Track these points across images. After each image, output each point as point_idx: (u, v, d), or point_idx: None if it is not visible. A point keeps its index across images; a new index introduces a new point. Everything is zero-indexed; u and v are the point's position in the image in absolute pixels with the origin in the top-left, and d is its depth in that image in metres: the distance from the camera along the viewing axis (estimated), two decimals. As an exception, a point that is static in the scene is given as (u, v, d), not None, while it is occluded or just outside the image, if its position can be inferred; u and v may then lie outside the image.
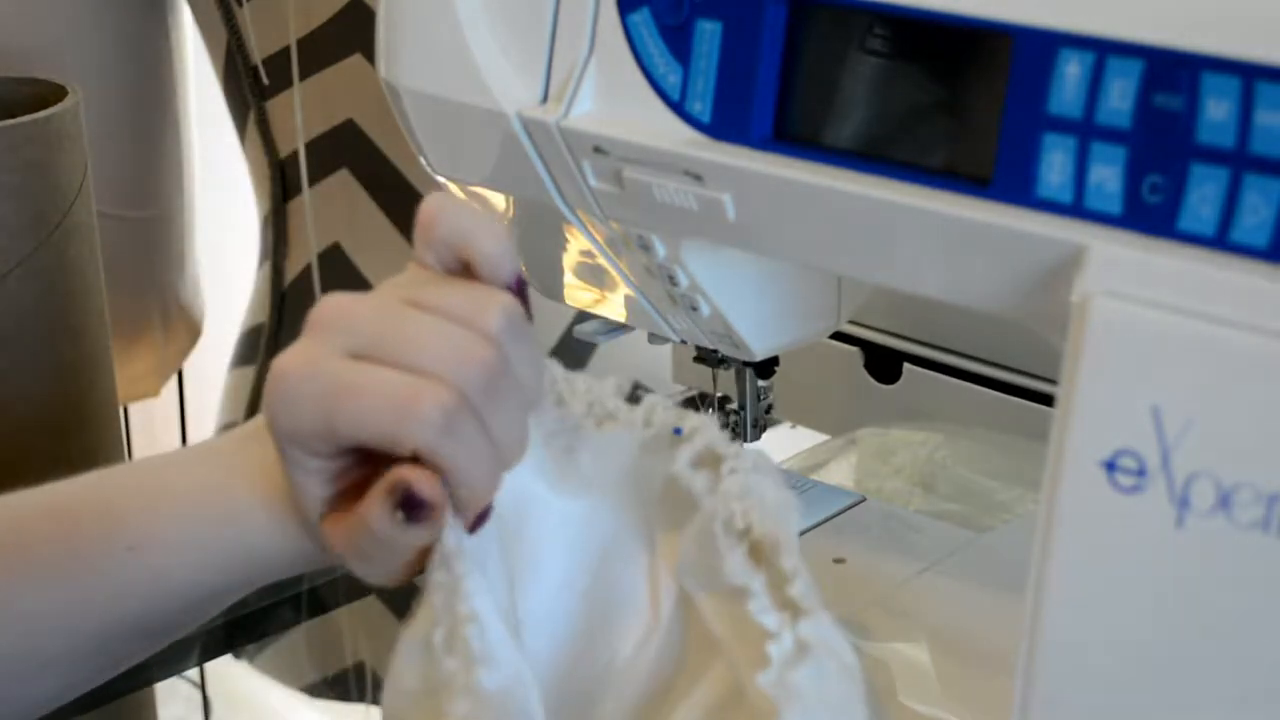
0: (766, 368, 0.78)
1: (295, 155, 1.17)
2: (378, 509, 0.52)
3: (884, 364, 0.88)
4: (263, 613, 0.96)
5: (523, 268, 0.57)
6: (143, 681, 0.93)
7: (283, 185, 1.20)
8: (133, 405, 1.29)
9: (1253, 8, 0.48)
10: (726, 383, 0.79)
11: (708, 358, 0.77)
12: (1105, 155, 0.50)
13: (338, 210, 1.18)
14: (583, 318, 0.79)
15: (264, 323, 1.24)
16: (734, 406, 0.79)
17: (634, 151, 0.61)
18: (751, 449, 0.57)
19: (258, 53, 1.16)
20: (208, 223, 1.35)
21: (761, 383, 0.78)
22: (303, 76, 1.14)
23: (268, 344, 1.23)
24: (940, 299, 0.57)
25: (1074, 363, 0.50)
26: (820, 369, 0.90)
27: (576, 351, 1.17)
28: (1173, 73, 0.49)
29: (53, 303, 0.89)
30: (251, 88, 1.17)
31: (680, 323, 0.72)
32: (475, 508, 0.54)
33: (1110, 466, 0.49)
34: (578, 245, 0.71)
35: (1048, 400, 0.64)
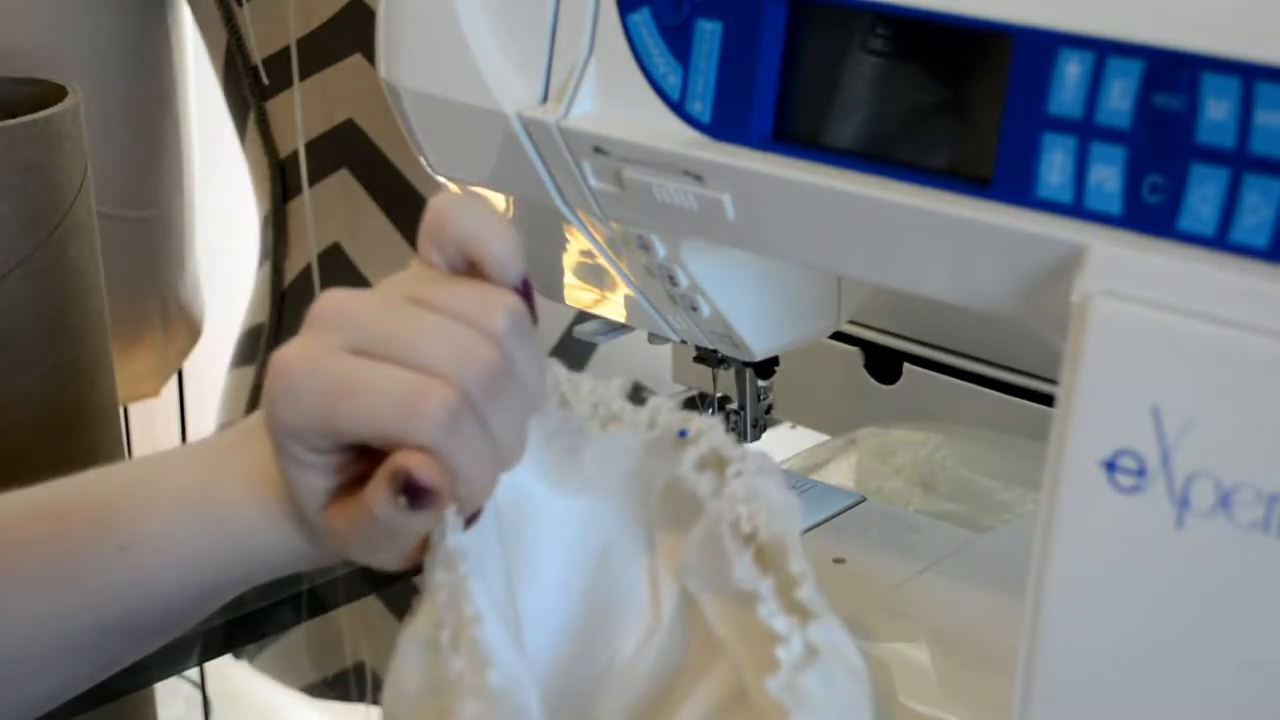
0: (766, 368, 0.78)
1: (295, 155, 1.16)
2: (380, 495, 0.52)
3: (884, 364, 0.88)
4: (263, 613, 0.96)
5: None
6: (143, 681, 0.93)
7: (283, 185, 1.20)
8: (133, 405, 1.29)
9: (1253, 8, 0.48)
10: (726, 383, 0.79)
11: (708, 358, 0.77)
12: (1105, 155, 0.50)
13: (338, 210, 1.18)
14: (583, 318, 0.79)
15: (264, 323, 1.24)
16: (734, 406, 0.79)
17: (634, 151, 0.61)
18: (754, 450, 0.57)
19: (258, 53, 1.16)
20: (208, 223, 1.35)
21: (761, 383, 0.78)
22: (303, 76, 1.14)
23: (268, 344, 1.23)
24: (940, 299, 0.57)
25: (1074, 363, 0.50)
26: (820, 369, 0.90)
27: (577, 351, 1.17)
28: (1173, 73, 0.49)
29: (53, 303, 0.89)
30: (251, 88, 1.17)
31: (680, 323, 0.72)
32: (472, 507, 0.54)
33: (1110, 466, 0.49)
34: (578, 245, 0.71)
35: (1048, 400, 0.64)
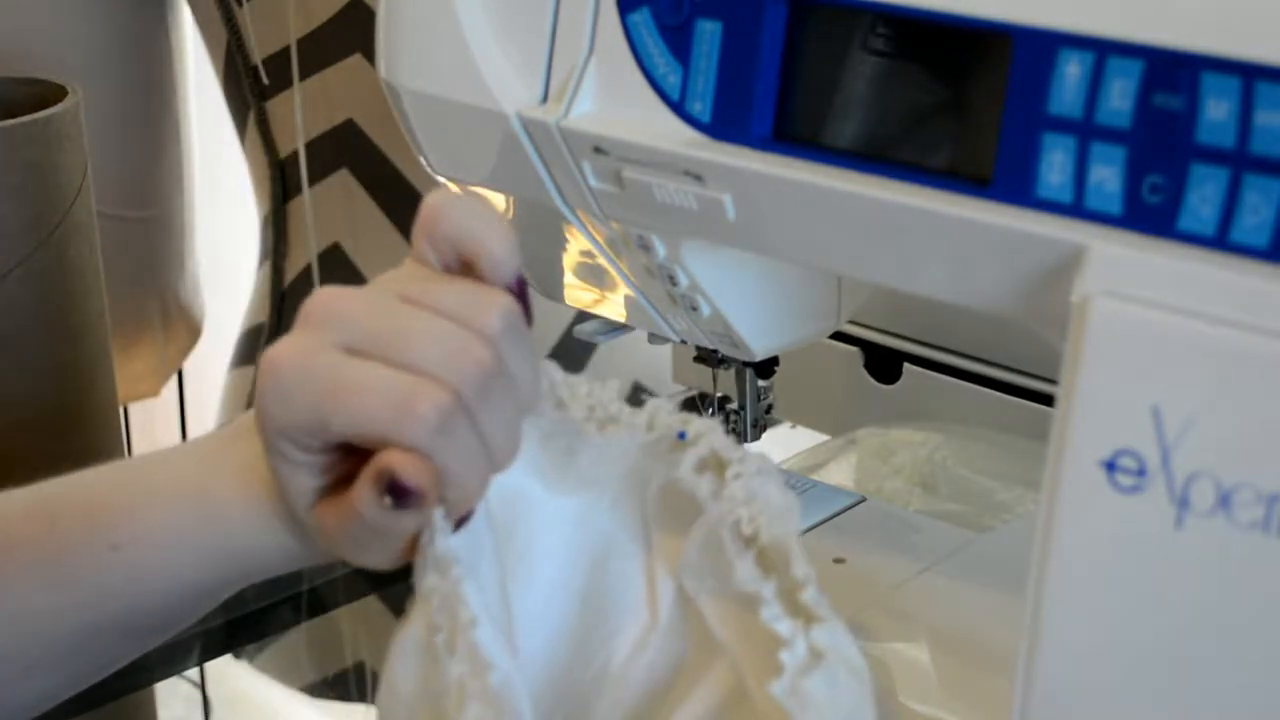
0: (766, 368, 0.78)
1: (295, 155, 1.16)
2: (366, 495, 0.51)
3: (884, 364, 0.88)
4: (263, 613, 0.96)
5: (525, 271, 0.57)
6: (143, 681, 0.93)
7: (283, 185, 1.20)
8: (133, 405, 1.29)
9: (1253, 8, 0.48)
10: (726, 383, 0.79)
11: (708, 358, 0.77)
12: (1105, 155, 0.50)
13: (338, 210, 1.18)
14: (583, 318, 0.79)
15: (264, 323, 1.24)
16: (734, 406, 0.79)
17: (634, 151, 0.61)
18: (753, 451, 0.57)
19: (258, 53, 1.16)
20: (208, 223, 1.35)
21: (761, 383, 0.78)
22: (303, 76, 1.14)
23: (268, 344, 1.22)
24: (940, 299, 0.57)
25: (1074, 363, 0.50)
26: (820, 369, 0.90)
27: (576, 351, 1.17)
28: (1173, 73, 0.49)
29: (53, 303, 0.89)
30: (251, 88, 1.17)
31: (680, 323, 0.72)
32: (463, 509, 0.53)
33: (1110, 466, 0.49)
34: (578, 245, 0.71)
35: (1048, 400, 0.64)
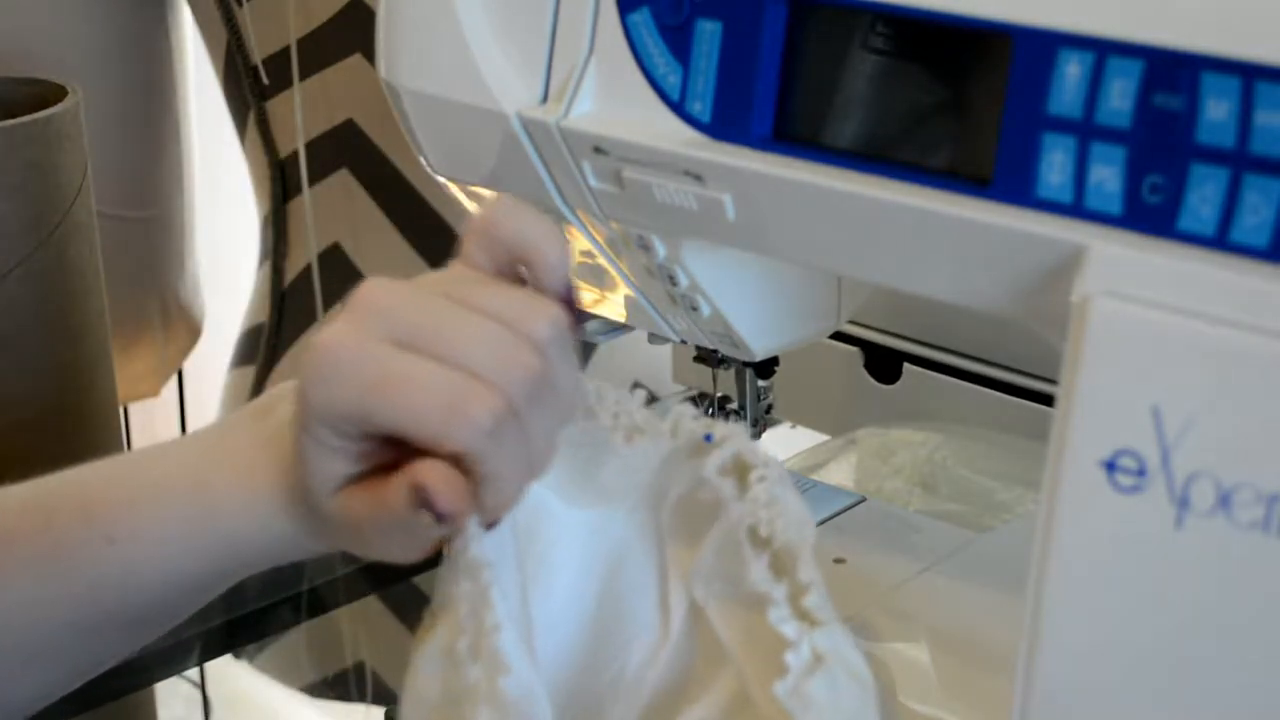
0: (766, 368, 0.78)
1: (295, 155, 1.16)
2: (401, 501, 0.51)
3: (884, 364, 0.88)
4: (263, 613, 0.96)
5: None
6: (143, 681, 0.93)
7: (283, 185, 1.20)
8: (133, 405, 1.29)
9: (1253, 8, 0.48)
10: (726, 383, 0.79)
11: (708, 358, 0.77)
12: (1105, 155, 0.50)
13: (338, 210, 1.18)
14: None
15: (264, 323, 1.24)
16: (734, 406, 0.79)
17: (634, 151, 0.61)
18: (774, 459, 0.57)
19: (258, 53, 1.16)
20: (208, 223, 1.35)
21: (761, 383, 0.78)
22: (303, 76, 1.14)
23: (268, 344, 1.23)
24: (940, 299, 0.57)
25: (1074, 363, 0.50)
26: (820, 369, 0.89)
27: (577, 352, 1.17)
28: (1173, 73, 0.49)
29: (53, 303, 0.89)
30: (251, 88, 1.17)
31: (680, 323, 0.72)
32: (498, 515, 0.53)
33: (1110, 466, 0.49)
34: (578, 245, 0.71)
35: (1048, 400, 0.64)
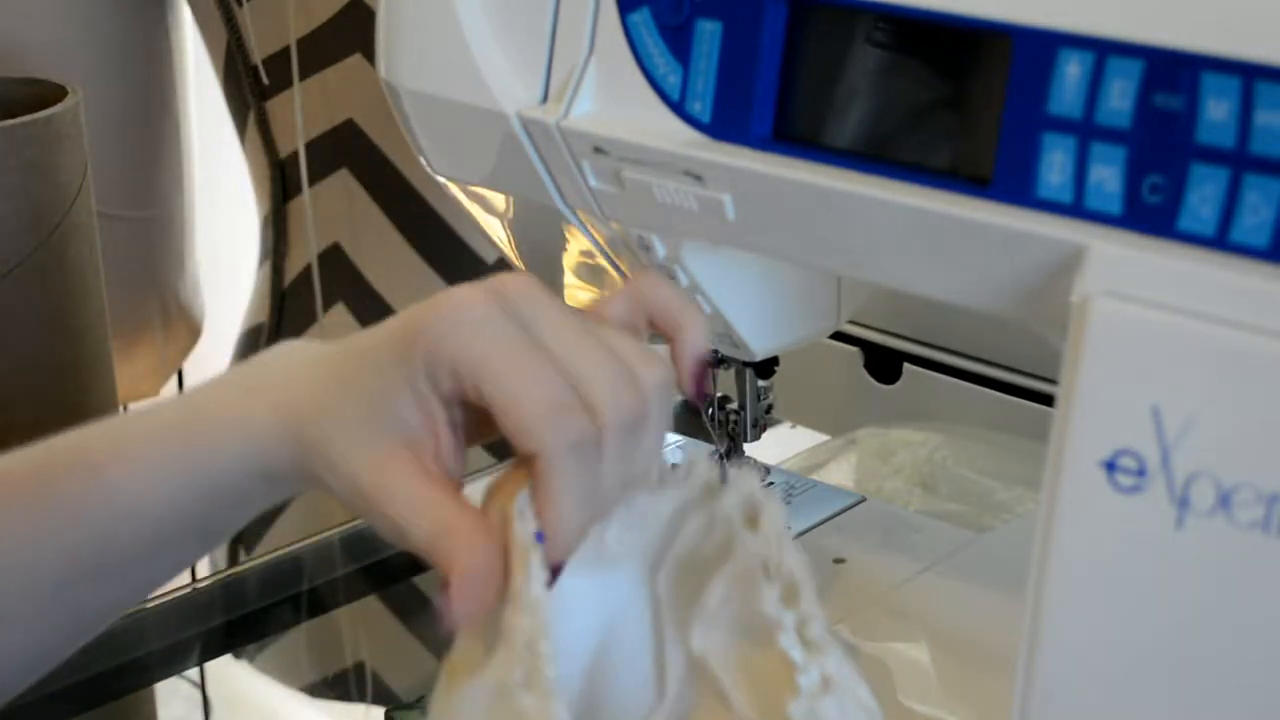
0: (766, 368, 0.78)
1: (295, 155, 1.17)
2: (427, 556, 0.52)
3: (884, 364, 0.88)
4: (263, 613, 0.96)
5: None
6: (143, 681, 0.93)
7: (283, 185, 1.20)
8: (133, 405, 1.29)
9: (1253, 8, 0.48)
10: (726, 383, 0.79)
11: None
12: (1105, 155, 0.50)
13: (338, 210, 1.18)
14: (583, 318, 0.79)
15: (264, 323, 1.24)
16: (734, 406, 0.79)
17: (634, 151, 0.61)
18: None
19: (258, 53, 1.16)
20: (208, 223, 1.36)
21: (761, 383, 0.78)
22: (303, 76, 1.14)
23: (267, 344, 1.23)
24: (940, 299, 0.57)
25: (1074, 363, 0.50)
26: (820, 369, 0.90)
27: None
28: (1173, 73, 0.49)
29: (53, 303, 0.89)
30: (251, 88, 1.17)
31: (680, 323, 0.72)
32: (561, 556, 0.52)
33: (1110, 466, 0.49)
34: (578, 245, 0.71)
35: (1048, 400, 0.64)
